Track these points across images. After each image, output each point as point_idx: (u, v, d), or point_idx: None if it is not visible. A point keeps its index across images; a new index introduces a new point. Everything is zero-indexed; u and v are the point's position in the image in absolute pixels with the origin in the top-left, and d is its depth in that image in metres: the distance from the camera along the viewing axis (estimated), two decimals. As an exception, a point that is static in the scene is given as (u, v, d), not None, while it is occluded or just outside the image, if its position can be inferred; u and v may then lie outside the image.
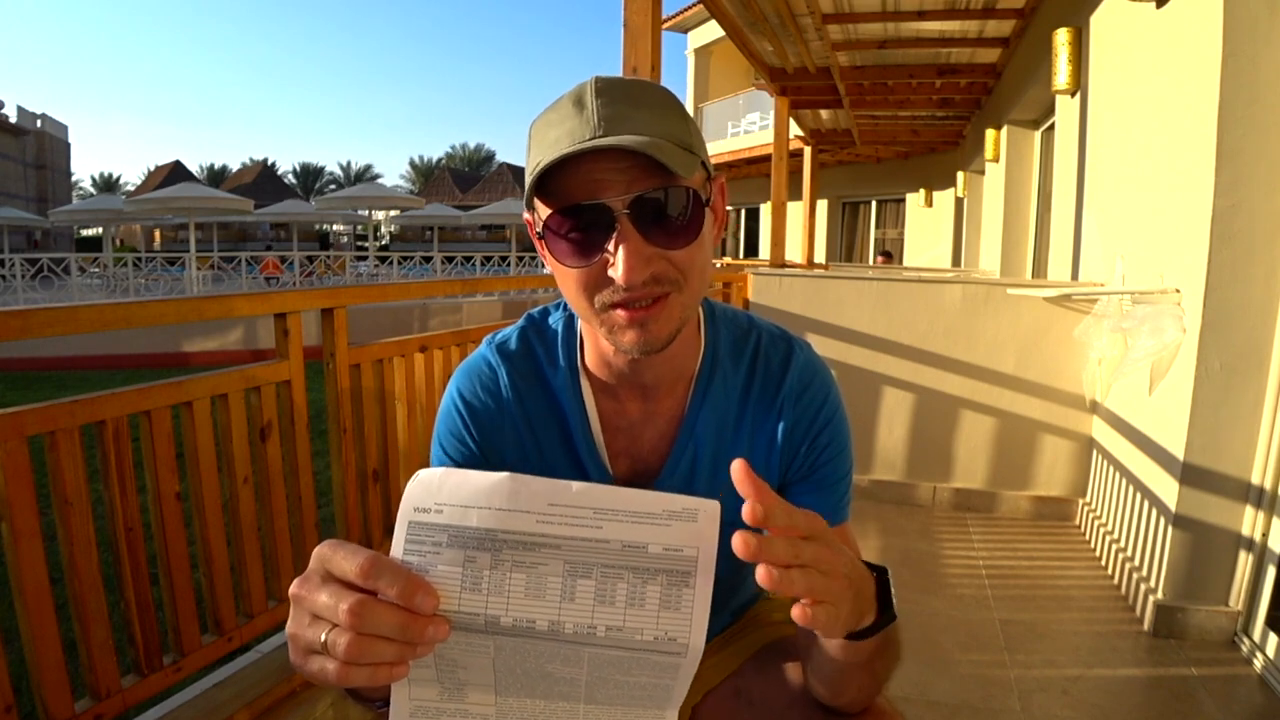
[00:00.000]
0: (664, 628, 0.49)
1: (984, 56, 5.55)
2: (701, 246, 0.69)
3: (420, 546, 0.47)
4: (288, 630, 0.49)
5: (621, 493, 0.48)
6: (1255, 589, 2.14)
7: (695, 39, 16.00)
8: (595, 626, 0.48)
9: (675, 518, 0.48)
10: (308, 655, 0.48)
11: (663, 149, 0.62)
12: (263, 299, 1.64)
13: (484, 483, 0.48)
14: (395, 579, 0.46)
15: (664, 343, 0.69)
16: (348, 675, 0.46)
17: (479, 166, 55.22)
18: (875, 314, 3.49)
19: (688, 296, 0.69)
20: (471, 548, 0.47)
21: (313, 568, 0.49)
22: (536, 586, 0.48)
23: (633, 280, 0.64)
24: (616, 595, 0.48)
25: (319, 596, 0.47)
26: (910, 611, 2.44)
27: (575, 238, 0.66)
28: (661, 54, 2.47)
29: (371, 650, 0.45)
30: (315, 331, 1.75)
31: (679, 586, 0.48)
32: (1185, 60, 2.28)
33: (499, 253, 21.96)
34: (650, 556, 0.48)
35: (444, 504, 0.47)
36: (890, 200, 13.09)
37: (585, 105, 0.65)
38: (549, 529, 0.48)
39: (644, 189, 0.64)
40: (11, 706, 1.16)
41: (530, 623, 0.48)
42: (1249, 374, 2.09)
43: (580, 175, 0.64)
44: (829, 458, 0.81)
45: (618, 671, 0.50)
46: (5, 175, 29.95)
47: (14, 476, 1.17)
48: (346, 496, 1.84)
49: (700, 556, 0.48)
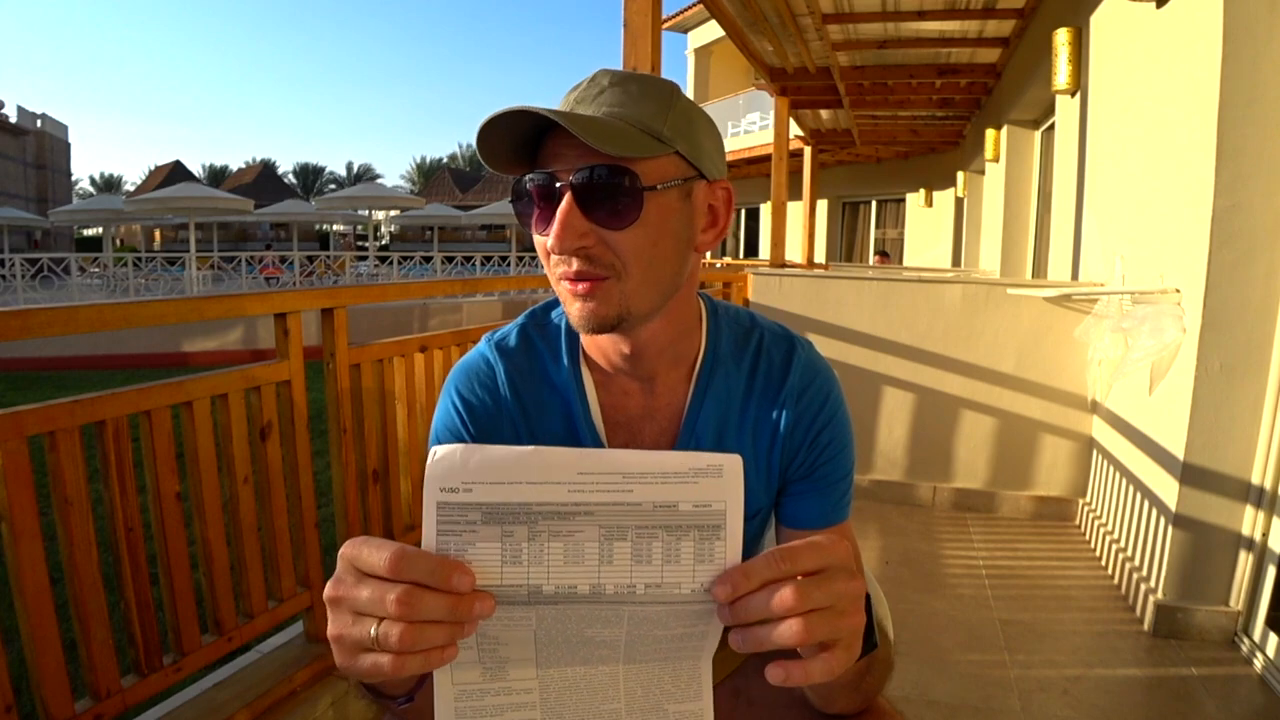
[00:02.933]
0: (700, 580, 0.50)
1: (984, 56, 5.55)
2: (648, 235, 0.68)
3: (455, 526, 0.48)
4: (330, 634, 0.49)
5: (648, 455, 0.50)
6: (1255, 589, 2.14)
7: (695, 39, 16.02)
8: (634, 585, 0.50)
9: (701, 474, 0.50)
10: (356, 654, 0.48)
11: (600, 127, 0.64)
12: (263, 299, 1.64)
13: (510, 457, 0.49)
14: (427, 564, 0.46)
15: (604, 324, 0.70)
16: (403, 665, 0.46)
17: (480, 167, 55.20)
18: (875, 314, 3.49)
19: (630, 286, 0.69)
20: (508, 522, 0.48)
21: (342, 568, 0.49)
22: (575, 553, 0.49)
23: (561, 247, 0.67)
24: (653, 554, 0.50)
25: (360, 594, 0.47)
26: (910, 611, 2.44)
27: (534, 206, 0.69)
28: (661, 54, 2.47)
29: (424, 637, 0.46)
30: (315, 331, 1.75)
31: (711, 540, 0.50)
32: (1185, 60, 2.28)
33: (499, 253, 21.95)
34: (681, 514, 0.50)
35: (473, 482, 0.48)
36: (890, 200, 13.10)
37: (579, 87, 0.70)
38: (581, 496, 0.49)
39: (588, 164, 0.66)
40: (11, 706, 1.16)
41: (572, 588, 0.49)
42: (1249, 374, 2.09)
43: (547, 148, 0.68)
44: (830, 457, 0.81)
45: (656, 627, 0.52)
46: (5, 175, 29.96)
47: (14, 476, 1.17)
48: (346, 496, 1.84)
49: (728, 508, 0.50)
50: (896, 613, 2.27)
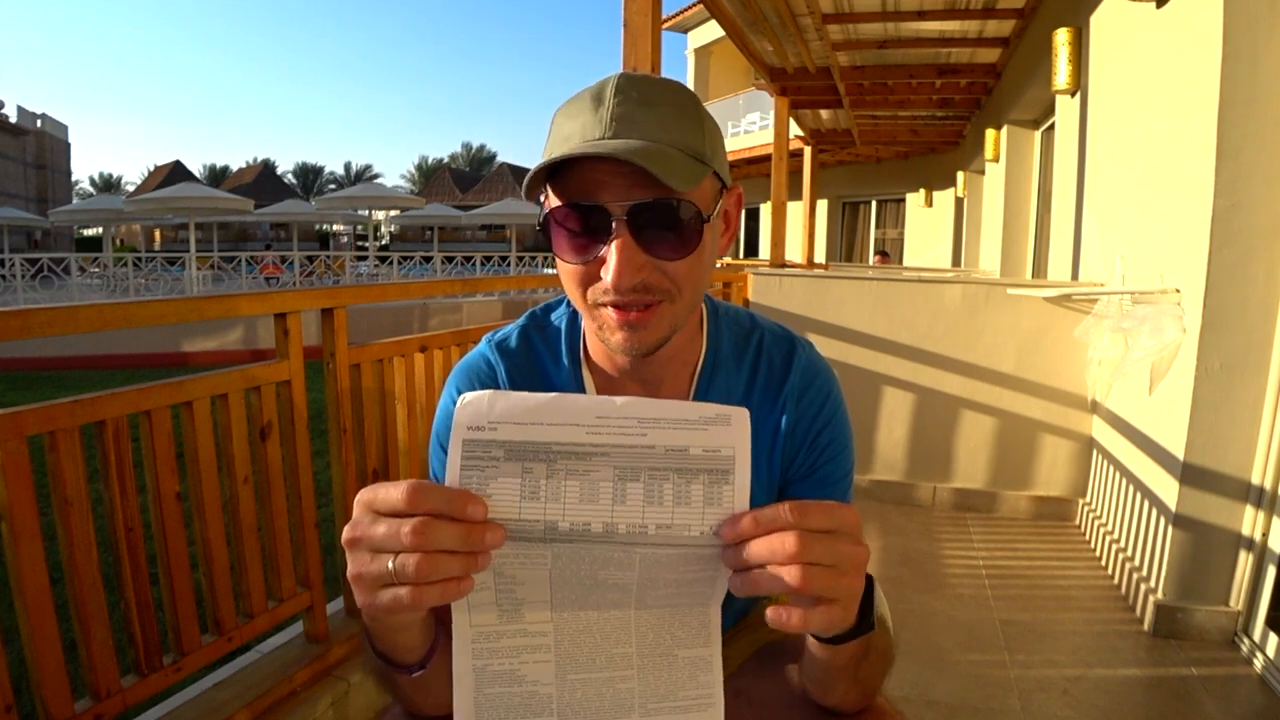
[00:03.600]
0: (709, 522, 0.53)
1: (984, 56, 5.55)
2: (700, 259, 0.68)
3: (479, 462, 0.51)
4: (350, 574, 0.50)
5: (661, 403, 0.53)
6: (1255, 589, 2.14)
7: (695, 39, 16.02)
8: (646, 525, 0.52)
9: (711, 422, 0.52)
10: (376, 590, 0.49)
11: (665, 159, 0.62)
12: (263, 299, 1.64)
13: (533, 401, 0.51)
14: (442, 495, 0.48)
15: (652, 348, 0.70)
16: (421, 596, 0.48)
17: (480, 167, 55.23)
18: (875, 314, 3.49)
19: (680, 307, 0.70)
20: (528, 459, 0.51)
21: (359, 513, 0.51)
22: (590, 492, 0.52)
23: (621, 285, 0.65)
24: (664, 495, 0.52)
25: (376, 530, 0.49)
26: (910, 611, 2.44)
27: (575, 234, 0.67)
28: (661, 54, 2.47)
29: (439, 566, 0.48)
30: (315, 331, 1.75)
31: (720, 484, 0.52)
32: (1185, 60, 2.28)
33: (499, 253, 21.94)
34: (692, 458, 0.52)
35: (498, 422, 0.51)
36: (890, 200, 13.10)
37: (603, 102, 0.66)
38: (598, 439, 0.51)
39: (643, 197, 0.64)
40: (11, 706, 1.16)
41: (586, 525, 0.52)
42: (1249, 374, 2.09)
43: (585, 173, 0.65)
44: (830, 457, 0.81)
45: (666, 570, 0.54)
46: (5, 175, 29.96)
47: (14, 476, 1.17)
48: (346, 496, 1.84)
49: (737, 455, 0.53)
50: (896, 613, 2.27)
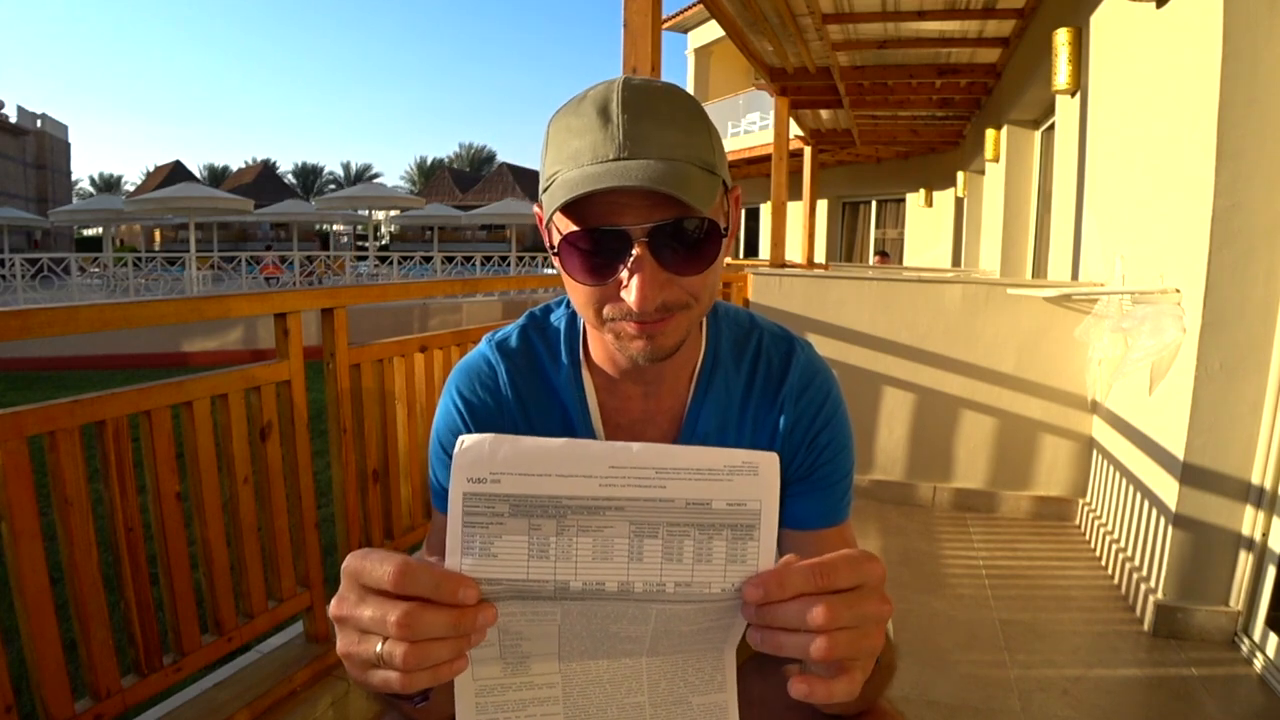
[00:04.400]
0: (731, 580, 0.49)
1: (984, 56, 5.55)
2: (714, 269, 0.69)
3: (481, 518, 0.47)
4: (339, 651, 0.49)
5: (681, 451, 0.49)
6: (1255, 589, 2.14)
7: (695, 39, 16.02)
8: (664, 584, 0.49)
9: (736, 472, 0.48)
10: (366, 669, 0.48)
11: (686, 180, 0.61)
12: (263, 299, 1.64)
13: (540, 448, 0.47)
14: (431, 579, 0.45)
15: (669, 352, 0.70)
16: (412, 681, 0.46)
17: (480, 166, 55.22)
18: (875, 314, 3.49)
19: (696, 313, 0.70)
20: (536, 515, 0.47)
21: (346, 585, 0.48)
22: (604, 549, 0.48)
23: (645, 308, 0.65)
24: (684, 552, 0.48)
25: (362, 613, 0.46)
26: (910, 611, 2.44)
27: (591, 257, 0.65)
28: (661, 54, 2.47)
29: (429, 654, 0.45)
30: (315, 331, 1.75)
31: (744, 540, 0.49)
32: (1185, 60, 2.28)
33: (499, 253, 21.94)
34: (714, 512, 0.49)
35: (501, 473, 0.47)
36: (890, 200, 13.10)
37: (610, 118, 0.63)
38: (612, 491, 0.48)
39: (664, 218, 0.63)
40: (11, 706, 1.16)
41: (600, 585, 0.48)
42: (1249, 374, 2.09)
43: (603, 196, 0.63)
44: (829, 457, 0.81)
45: (683, 623, 0.51)
46: (5, 175, 29.96)
47: (14, 476, 1.17)
48: (346, 496, 1.84)
49: (764, 508, 0.49)
50: (897, 612, 2.26)
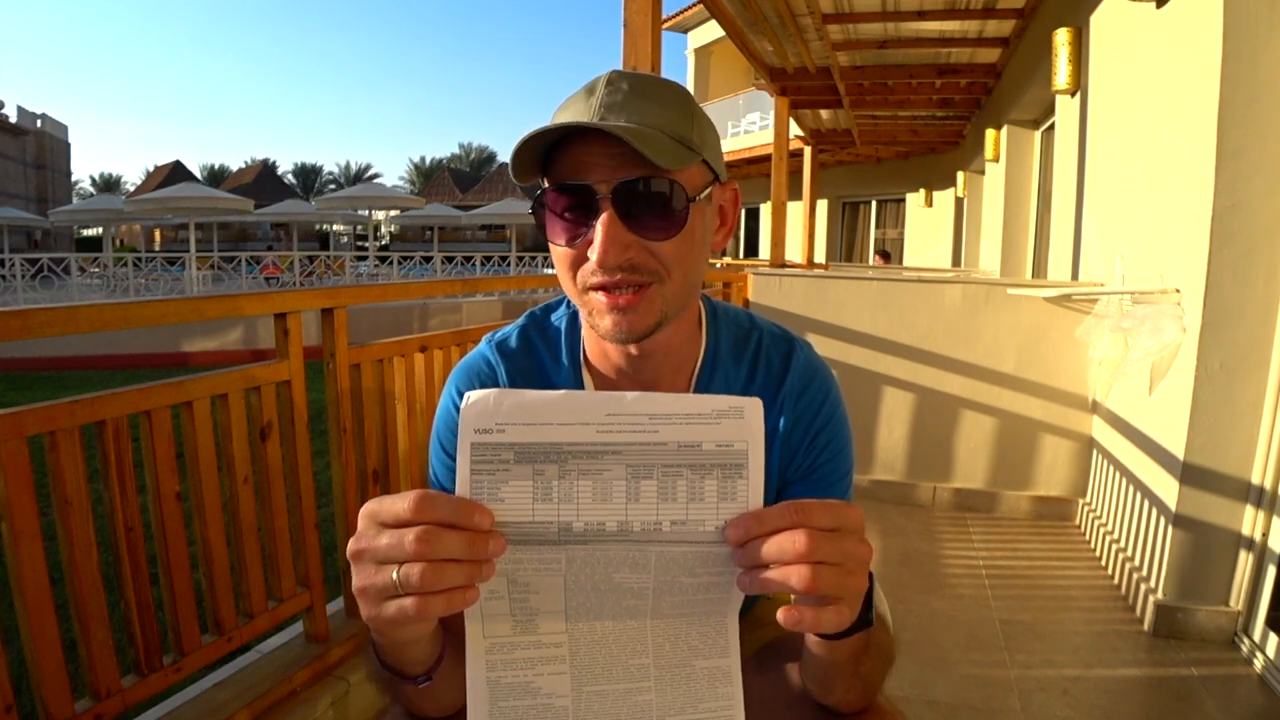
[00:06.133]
0: (723, 517, 0.52)
1: (984, 56, 5.55)
2: (688, 242, 0.69)
3: (488, 465, 0.50)
4: (355, 587, 0.50)
5: (672, 397, 0.52)
6: (1255, 589, 2.14)
7: (695, 39, 16.02)
8: (660, 522, 0.52)
9: (723, 416, 0.52)
10: (381, 602, 0.49)
11: (648, 138, 0.64)
12: (263, 299, 1.64)
13: (541, 400, 0.50)
14: (449, 504, 0.48)
15: (642, 333, 0.70)
16: (426, 606, 0.48)
17: (480, 166, 55.22)
18: (875, 314, 3.49)
19: (670, 290, 0.70)
20: (539, 461, 0.50)
21: (363, 525, 0.50)
22: (603, 491, 0.51)
23: (606, 262, 0.66)
24: (678, 492, 0.52)
25: (380, 542, 0.49)
26: (910, 611, 2.44)
27: (564, 216, 0.68)
28: (661, 54, 2.47)
29: (444, 575, 0.47)
30: (315, 331, 1.74)
31: (733, 479, 0.52)
32: (1185, 60, 2.28)
33: (499, 253, 21.94)
34: (704, 453, 0.52)
35: (506, 423, 0.50)
36: (890, 200, 13.10)
37: (594, 92, 0.68)
38: (609, 437, 0.51)
39: (628, 175, 0.65)
40: (11, 706, 1.16)
41: (600, 525, 0.51)
42: (1249, 374, 2.09)
43: (572, 156, 0.66)
44: (829, 457, 0.81)
45: (682, 572, 0.53)
46: (5, 175, 29.96)
47: (14, 476, 1.17)
48: (346, 496, 1.84)
49: (750, 449, 0.52)
50: (896, 613, 2.27)
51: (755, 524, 0.51)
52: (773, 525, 0.50)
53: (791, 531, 0.50)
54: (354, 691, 1.73)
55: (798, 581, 0.49)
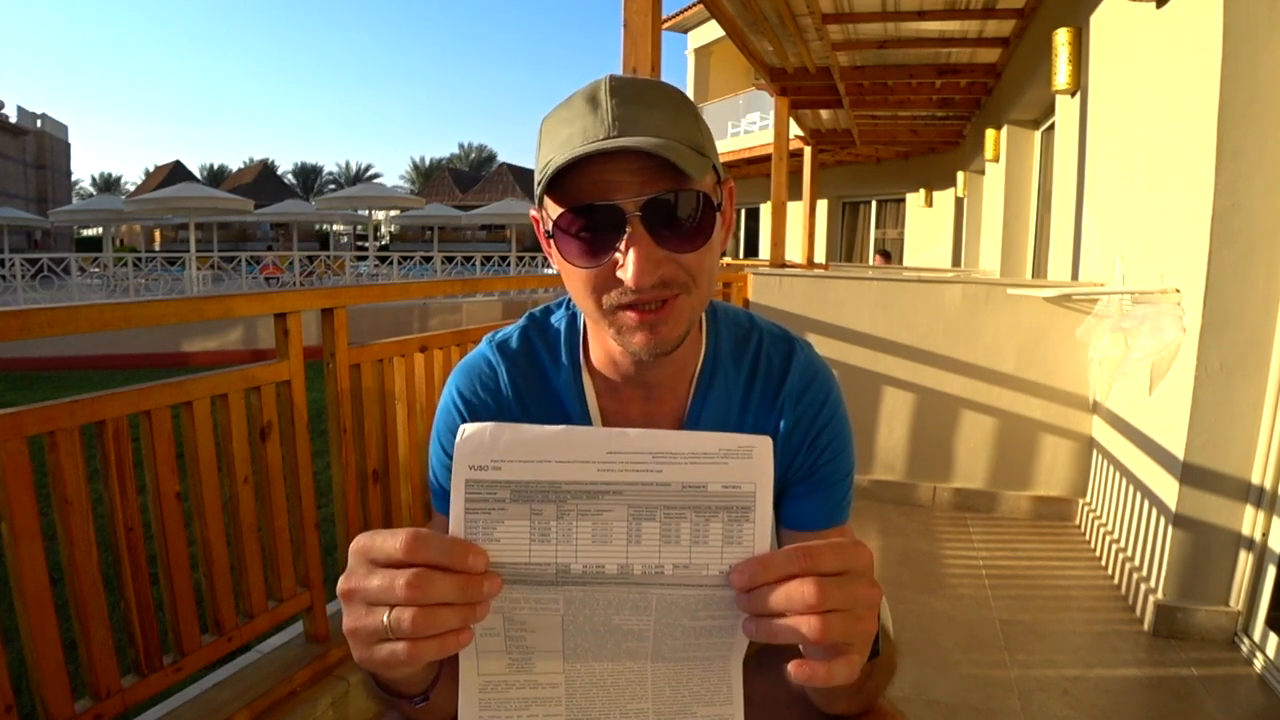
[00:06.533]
0: (728, 561, 0.50)
1: (984, 56, 5.55)
2: (711, 250, 0.69)
3: (483, 504, 0.48)
4: (346, 628, 0.49)
5: (677, 435, 0.50)
6: (1255, 589, 2.14)
7: (695, 39, 16.01)
8: (662, 566, 0.50)
9: (731, 455, 0.49)
10: (372, 644, 0.48)
11: (677, 151, 0.62)
12: (263, 299, 1.64)
13: (540, 435, 0.48)
14: (441, 545, 0.47)
15: (673, 345, 0.69)
16: (418, 651, 0.46)
17: (479, 166, 55.21)
18: (875, 314, 3.49)
19: (696, 299, 0.69)
20: (536, 500, 0.48)
21: (354, 562, 0.49)
22: (603, 532, 0.49)
23: (642, 283, 0.64)
24: (681, 534, 0.50)
25: (370, 583, 0.47)
26: (910, 611, 2.44)
27: (585, 238, 0.65)
28: (661, 54, 2.47)
29: (436, 620, 0.46)
30: (315, 331, 1.75)
31: (740, 522, 0.50)
32: (1185, 60, 2.28)
33: (499, 253, 21.94)
34: (710, 495, 0.49)
35: (502, 460, 0.48)
36: (890, 200, 13.10)
37: (599, 104, 0.64)
38: (611, 475, 0.49)
39: (656, 191, 0.63)
40: (11, 706, 1.16)
41: (600, 567, 0.49)
42: (1249, 374, 2.09)
43: (592, 175, 0.63)
44: (829, 458, 0.81)
45: (684, 615, 0.51)
46: (5, 175, 29.96)
47: (14, 476, 1.17)
48: (346, 496, 1.84)
49: (758, 490, 0.50)
50: (896, 613, 2.27)
51: (761, 571, 0.49)
52: (780, 572, 0.48)
53: (800, 580, 0.48)
54: (354, 691, 1.73)
55: (808, 632, 0.47)
